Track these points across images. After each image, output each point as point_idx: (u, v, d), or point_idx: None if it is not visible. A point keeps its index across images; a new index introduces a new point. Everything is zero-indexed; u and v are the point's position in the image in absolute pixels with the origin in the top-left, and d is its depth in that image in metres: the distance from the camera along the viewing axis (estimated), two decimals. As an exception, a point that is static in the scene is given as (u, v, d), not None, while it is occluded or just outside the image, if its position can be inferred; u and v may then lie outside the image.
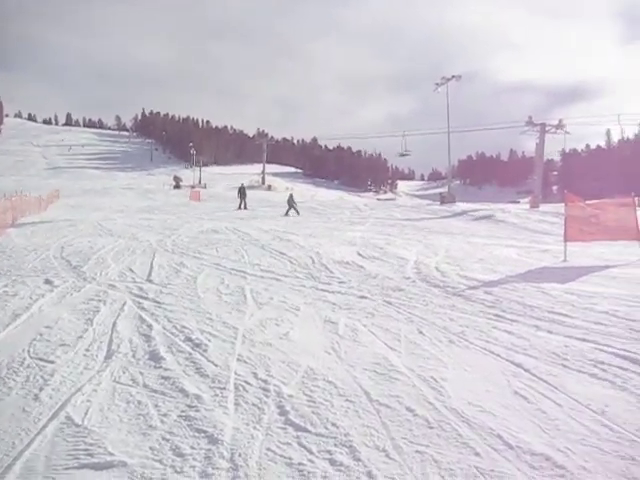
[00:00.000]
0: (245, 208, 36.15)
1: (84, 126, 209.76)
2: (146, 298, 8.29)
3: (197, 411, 4.27)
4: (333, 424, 4.04)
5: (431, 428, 3.96)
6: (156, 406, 4.36)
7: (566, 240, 13.14)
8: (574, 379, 4.95)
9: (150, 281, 9.69)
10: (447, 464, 3.46)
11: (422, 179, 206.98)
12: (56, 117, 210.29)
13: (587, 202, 14.71)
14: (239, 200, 37.19)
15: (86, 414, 4.17)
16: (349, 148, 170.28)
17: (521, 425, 4.00)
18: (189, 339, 6.19)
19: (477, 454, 3.58)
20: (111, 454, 3.56)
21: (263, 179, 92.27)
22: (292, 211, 30.68)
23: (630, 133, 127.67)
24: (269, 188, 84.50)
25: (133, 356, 5.62)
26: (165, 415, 4.19)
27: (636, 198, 15.16)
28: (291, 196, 33.23)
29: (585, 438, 3.79)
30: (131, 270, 10.80)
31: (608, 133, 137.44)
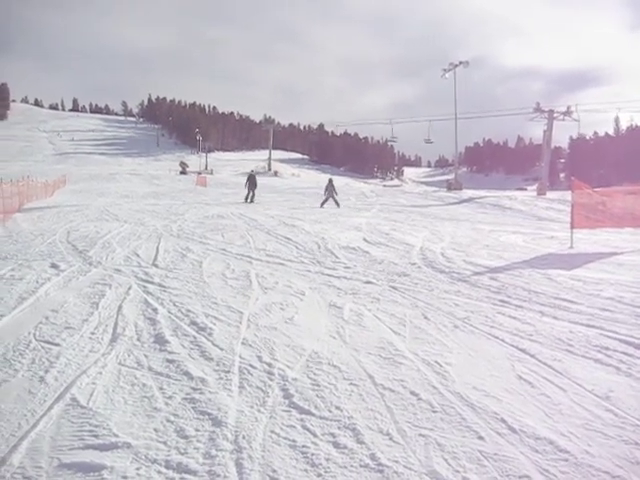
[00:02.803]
0: (252, 201, 29.08)
1: (91, 112, 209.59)
2: (152, 282, 8.30)
3: (201, 394, 4.27)
4: (337, 407, 4.04)
5: (435, 412, 3.96)
6: (161, 389, 4.37)
7: (573, 227, 13.10)
8: (579, 364, 4.94)
9: (156, 265, 9.69)
10: (451, 448, 3.46)
11: (429, 166, 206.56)
12: (62, 102, 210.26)
13: (594, 189, 14.67)
14: (247, 190, 29.97)
15: (91, 396, 4.18)
16: (356, 134, 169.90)
17: (525, 409, 4.00)
18: (194, 323, 6.19)
19: (481, 438, 3.58)
20: (116, 435, 3.57)
21: (269, 165, 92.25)
22: (328, 202, 25.97)
23: (639, 120, 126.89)
24: (275, 174, 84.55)
25: (138, 339, 5.63)
26: (170, 397, 4.20)
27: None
28: (331, 182, 27.64)
29: (589, 423, 3.78)
30: (137, 255, 10.81)
31: (616, 120, 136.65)
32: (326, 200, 26.00)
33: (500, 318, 6.43)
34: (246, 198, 29.62)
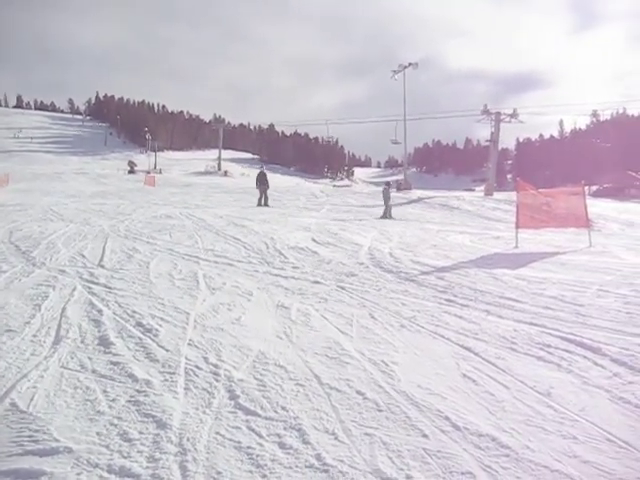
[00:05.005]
0: (266, 204, 25.46)
1: (35, 109, 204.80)
2: (97, 283, 8.15)
3: (146, 396, 4.22)
4: (283, 408, 4.03)
5: (380, 411, 3.99)
6: (104, 391, 4.30)
7: (518, 227, 13.37)
8: (521, 362, 5.04)
9: (102, 266, 9.53)
10: (395, 446, 3.49)
11: (379, 166, 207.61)
12: (6, 98, 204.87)
13: (539, 190, 14.97)
14: (258, 193, 26.10)
15: (32, 400, 4.09)
16: (306, 134, 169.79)
17: (469, 407, 4.05)
18: (140, 324, 6.11)
19: (425, 436, 3.62)
20: (56, 440, 3.49)
21: (219, 165, 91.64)
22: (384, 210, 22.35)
23: (582, 124, 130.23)
24: (225, 174, 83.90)
25: (82, 341, 5.52)
26: (113, 400, 4.13)
27: (586, 187, 15.51)
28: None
29: (530, 419, 3.86)
30: (82, 255, 10.61)
31: (561, 123, 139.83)
32: (386, 210, 22.28)
33: (446, 317, 6.52)
34: (259, 201, 25.70)
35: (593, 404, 4.11)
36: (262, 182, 26.01)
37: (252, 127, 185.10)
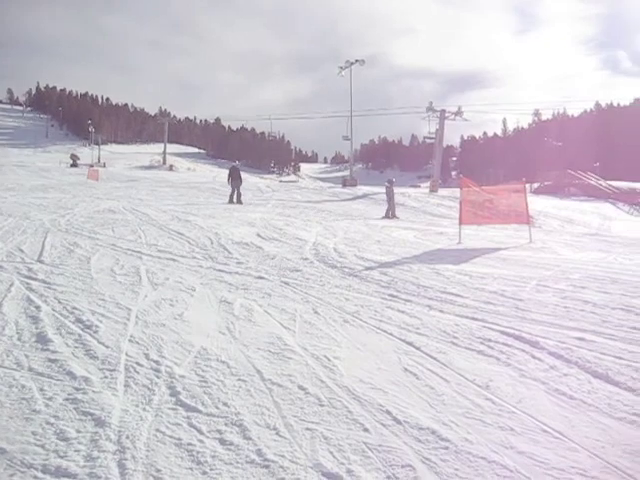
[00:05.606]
0: (239, 201, 24.34)
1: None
2: (35, 279, 7.95)
3: (85, 394, 4.13)
4: (224, 404, 4.01)
5: (322, 406, 3.99)
6: (41, 390, 4.19)
7: (461, 223, 13.59)
8: (462, 356, 5.11)
9: (41, 261, 9.30)
10: (336, 440, 3.50)
11: (325, 162, 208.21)
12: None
13: (483, 187, 15.23)
14: (230, 188, 24.86)
15: (-36, 400, 3.97)
16: (252, 129, 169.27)
17: (410, 401, 4.09)
18: (79, 320, 5.98)
19: (366, 430, 3.64)
20: (-11, 440, 3.41)
21: (164, 159, 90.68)
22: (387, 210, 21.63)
23: (524, 123, 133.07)
24: (170, 168, 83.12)
25: (19, 339, 5.38)
26: (50, 399, 4.03)
27: (527, 184, 15.83)
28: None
29: (469, 411, 3.92)
30: (20, 250, 10.34)
31: (504, 122, 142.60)
32: (388, 210, 21.51)
33: (389, 312, 6.57)
34: (231, 197, 24.52)
35: (530, 396, 4.20)
36: (235, 178, 24.63)
37: (198, 121, 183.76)
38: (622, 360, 4.92)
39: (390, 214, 21.14)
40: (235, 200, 24.24)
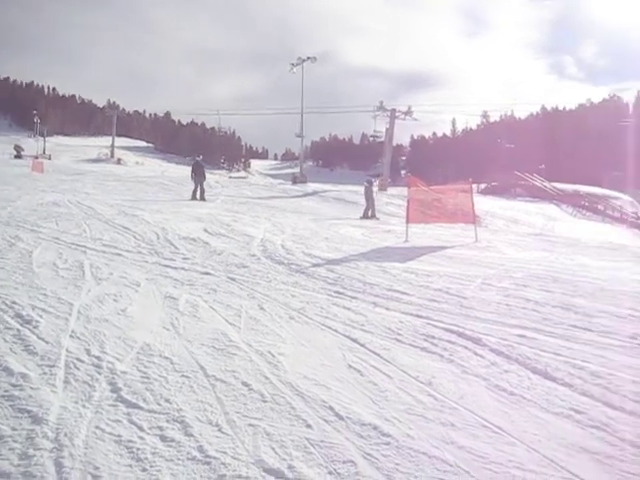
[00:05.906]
0: (202, 198, 23.22)
1: None
2: (-27, 273, 7.74)
3: (22, 390, 4.03)
4: (166, 400, 3.96)
5: (265, 402, 3.98)
6: (-25, 387, 4.08)
7: (408, 221, 13.71)
8: (406, 353, 5.15)
9: (-21, 255, 9.05)
10: (279, 436, 3.49)
11: (276, 159, 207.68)
12: None
13: (431, 187, 15.40)
14: (193, 184, 23.72)
15: None
16: (203, 124, 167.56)
17: (353, 397, 4.11)
18: (19, 315, 5.83)
19: (309, 426, 3.64)
20: None
21: (112, 152, 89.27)
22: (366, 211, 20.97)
23: (473, 124, 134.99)
24: (118, 162, 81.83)
25: (-47, 334, 5.24)
26: (-15, 396, 3.93)
27: (475, 185, 16.08)
28: (370, 184, 22.03)
29: (411, 407, 3.95)
30: (-42, 243, 10.05)
31: (453, 122, 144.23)
32: (367, 209, 20.93)
33: (334, 309, 6.58)
34: (194, 194, 23.36)
35: (471, 392, 4.26)
36: (198, 173, 23.65)
37: (148, 115, 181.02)
38: (560, 357, 5.03)
39: (369, 214, 20.72)
40: (198, 197, 23.25)
